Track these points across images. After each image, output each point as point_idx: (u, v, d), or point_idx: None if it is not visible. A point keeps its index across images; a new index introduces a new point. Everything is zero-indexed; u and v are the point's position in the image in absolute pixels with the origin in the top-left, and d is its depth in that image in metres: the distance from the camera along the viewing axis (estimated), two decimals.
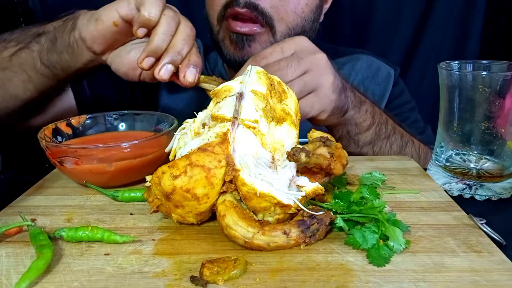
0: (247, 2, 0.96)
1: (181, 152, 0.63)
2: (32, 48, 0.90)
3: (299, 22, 1.03)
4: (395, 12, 1.61)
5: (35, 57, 0.90)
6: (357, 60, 1.33)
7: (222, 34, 1.05)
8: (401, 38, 1.64)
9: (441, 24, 1.60)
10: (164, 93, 1.24)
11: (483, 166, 0.75)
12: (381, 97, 1.30)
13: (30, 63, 0.91)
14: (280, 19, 1.00)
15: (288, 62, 0.79)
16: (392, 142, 1.01)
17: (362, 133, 0.97)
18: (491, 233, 0.59)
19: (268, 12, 0.98)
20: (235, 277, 0.50)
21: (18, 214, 0.65)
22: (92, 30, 0.81)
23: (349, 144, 0.98)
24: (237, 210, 0.57)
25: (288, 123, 0.66)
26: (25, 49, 0.91)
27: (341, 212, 0.61)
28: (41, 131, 0.80)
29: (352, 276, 0.51)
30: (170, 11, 0.77)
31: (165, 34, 0.75)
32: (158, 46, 0.75)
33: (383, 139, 1.00)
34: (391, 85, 1.31)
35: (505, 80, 0.69)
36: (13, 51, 0.92)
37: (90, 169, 0.74)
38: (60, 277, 0.51)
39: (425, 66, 1.63)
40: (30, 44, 0.91)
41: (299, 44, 0.83)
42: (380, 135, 1.00)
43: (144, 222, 0.65)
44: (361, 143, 0.98)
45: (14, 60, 0.92)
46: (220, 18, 1.03)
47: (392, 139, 1.02)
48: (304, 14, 1.04)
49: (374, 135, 0.99)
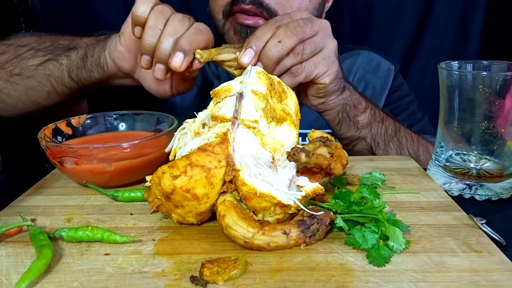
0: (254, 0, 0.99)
1: (181, 152, 0.63)
2: (61, 61, 0.92)
3: None
4: (395, 12, 1.61)
5: (63, 70, 0.92)
6: (358, 55, 1.34)
7: (228, 26, 1.06)
8: (401, 38, 1.64)
9: (441, 24, 1.60)
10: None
11: (483, 166, 0.75)
12: (382, 91, 1.32)
13: (57, 75, 0.93)
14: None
15: (305, 22, 0.81)
16: (387, 126, 1.03)
17: (360, 115, 0.99)
18: (491, 233, 0.59)
19: (273, 8, 1.00)
20: (235, 277, 0.50)
21: (18, 214, 0.65)
22: (118, 46, 0.85)
23: (349, 127, 0.99)
24: (237, 210, 0.57)
25: (288, 123, 0.66)
26: (54, 61, 0.93)
27: (341, 212, 0.61)
28: (41, 131, 0.80)
29: (352, 276, 0.51)
30: (160, 5, 0.77)
31: (151, 29, 0.76)
32: (147, 42, 0.76)
33: (378, 122, 1.02)
34: (391, 79, 1.33)
35: (505, 80, 0.69)
36: (42, 60, 0.93)
37: (90, 169, 0.74)
38: (60, 277, 0.51)
39: (425, 66, 1.63)
40: (60, 57, 0.92)
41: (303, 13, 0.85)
42: (375, 117, 1.01)
43: (144, 222, 0.65)
44: (360, 125, 0.99)
45: (41, 70, 0.93)
46: (226, 14, 1.04)
47: (386, 123, 1.03)
48: (308, 10, 1.05)
49: (371, 117, 1.00)
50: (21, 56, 0.94)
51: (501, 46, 1.60)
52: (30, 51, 0.94)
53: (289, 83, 0.81)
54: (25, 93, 0.95)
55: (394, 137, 1.03)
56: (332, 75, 0.87)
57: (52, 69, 0.92)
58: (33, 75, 0.93)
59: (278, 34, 0.77)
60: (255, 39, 0.77)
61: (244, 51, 0.76)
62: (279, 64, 0.79)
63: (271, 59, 0.77)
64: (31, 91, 0.94)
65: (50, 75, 0.93)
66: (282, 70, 0.80)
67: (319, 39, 0.83)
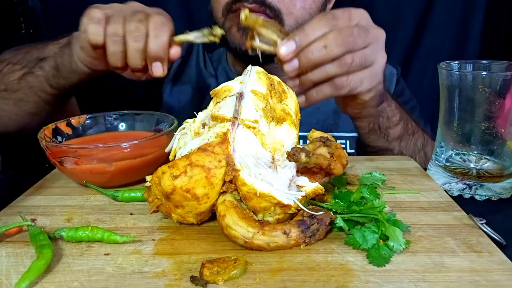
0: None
1: (181, 152, 0.63)
2: (37, 73, 0.93)
3: (307, 18, 1.04)
4: (395, 12, 1.61)
5: (42, 81, 0.93)
6: None
7: (229, 23, 1.06)
8: (401, 38, 1.64)
9: (441, 24, 1.60)
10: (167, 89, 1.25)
11: (483, 166, 0.75)
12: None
13: (38, 86, 0.94)
14: (289, 13, 1.02)
15: (360, 32, 0.74)
16: (416, 139, 1.01)
17: (392, 127, 0.95)
18: (491, 233, 0.59)
19: (276, 6, 1.00)
20: (235, 277, 0.50)
21: (18, 214, 0.65)
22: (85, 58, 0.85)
23: (379, 138, 0.96)
24: (237, 210, 0.57)
25: (288, 123, 0.66)
26: (30, 74, 0.94)
27: (341, 212, 0.61)
28: (41, 131, 0.80)
29: (352, 276, 0.51)
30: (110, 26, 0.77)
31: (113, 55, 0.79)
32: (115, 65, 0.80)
33: (409, 135, 0.99)
34: (394, 83, 1.31)
35: (505, 80, 0.69)
36: (20, 74, 0.95)
37: (90, 169, 0.74)
38: (60, 277, 0.51)
39: (425, 66, 1.63)
40: (34, 69, 0.94)
41: (364, 16, 0.79)
42: (407, 130, 0.99)
43: (144, 222, 0.65)
44: (390, 138, 0.96)
45: (23, 84, 0.95)
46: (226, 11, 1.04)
47: (417, 136, 1.01)
48: (311, 10, 1.05)
49: (402, 130, 0.97)
50: (1, 72, 0.97)
51: (501, 46, 1.60)
52: (8, 66, 0.96)
53: (329, 93, 0.78)
54: (16, 105, 0.97)
55: (421, 150, 1.00)
56: (374, 92, 0.83)
57: (32, 81, 0.94)
58: (18, 89, 0.96)
59: (327, 37, 0.72)
60: (302, 33, 0.72)
61: (286, 41, 0.72)
62: (321, 69, 0.74)
63: (310, 62, 0.73)
64: (20, 102, 0.97)
65: (32, 87, 0.95)
66: (324, 77, 0.75)
67: (370, 52, 0.77)
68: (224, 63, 1.28)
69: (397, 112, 0.96)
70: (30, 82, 0.94)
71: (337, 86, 0.76)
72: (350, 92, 0.79)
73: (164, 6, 0.87)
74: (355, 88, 0.78)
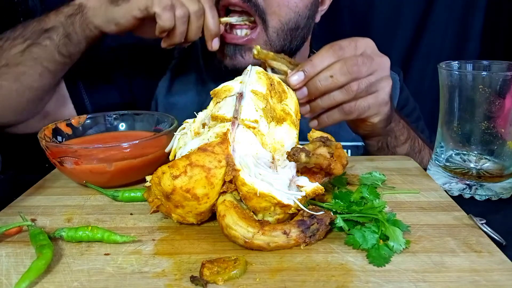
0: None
1: (181, 152, 0.63)
2: (45, 43, 0.94)
3: (292, 17, 1.02)
4: (395, 12, 1.61)
5: (52, 50, 0.95)
6: None
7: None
8: (401, 38, 1.64)
9: (441, 24, 1.60)
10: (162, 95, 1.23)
11: (483, 166, 0.75)
12: None
13: (46, 56, 0.95)
14: (272, 13, 1.00)
15: (364, 61, 0.80)
16: (423, 156, 1.03)
17: (400, 146, 0.99)
18: (491, 233, 0.59)
19: (261, 5, 0.98)
20: (235, 277, 0.50)
21: (18, 214, 0.65)
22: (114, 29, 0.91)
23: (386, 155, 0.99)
24: (237, 210, 0.57)
25: (288, 123, 0.66)
26: (37, 45, 0.95)
27: (341, 212, 0.61)
28: (41, 131, 0.80)
29: (352, 276, 0.51)
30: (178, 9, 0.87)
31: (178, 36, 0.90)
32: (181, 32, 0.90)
33: (416, 153, 1.02)
34: (398, 91, 1.29)
35: (505, 80, 0.69)
36: (23, 47, 0.95)
37: (90, 169, 0.74)
38: (60, 277, 0.51)
39: (425, 66, 1.63)
40: (40, 40, 0.94)
41: (369, 45, 0.84)
42: (414, 148, 1.01)
43: (144, 222, 0.65)
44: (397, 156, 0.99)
45: (27, 55, 0.95)
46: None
47: (423, 153, 1.03)
48: (298, 8, 1.03)
49: (409, 148, 1.00)
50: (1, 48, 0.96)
51: (501, 46, 1.60)
52: (7, 42, 0.96)
53: (339, 118, 0.82)
54: (17, 80, 0.96)
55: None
56: (382, 116, 0.87)
57: (38, 52, 0.95)
58: (20, 62, 0.95)
59: (333, 67, 0.78)
60: (309, 65, 0.78)
61: (295, 71, 0.79)
62: (329, 96, 0.80)
63: (317, 90, 0.79)
64: (22, 76, 0.96)
65: (38, 57, 0.95)
66: (332, 103, 0.81)
67: (375, 79, 0.82)
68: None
69: (405, 131, 0.99)
70: (36, 53, 0.95)
71: (346, 111, 0.82)
72: (359, 117, 0.84)
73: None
74: (363, 113, 0.83)
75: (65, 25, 0.94)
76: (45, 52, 0.95)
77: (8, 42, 0.96)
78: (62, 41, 0.94)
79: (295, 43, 1.07)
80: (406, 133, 0.99)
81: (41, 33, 0.95)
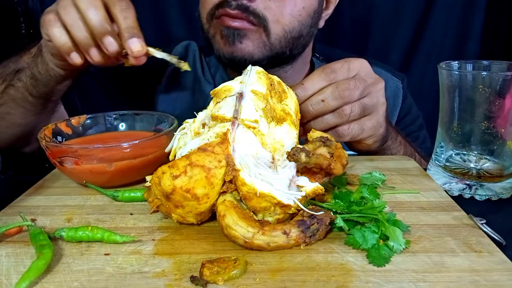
0: (239, 4, 0.95)
1: (181, 152, 0.63)
2: (16, 85, 0.95)
3: (296, 26, 1.01)
4: (395, 12, 1.61)
5: (23, 92, 0.95)
6: None
7: (213, 30, 1.03)
8: (401, 38, 1.64)
9: (441, 24, 1.60)
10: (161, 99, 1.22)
11: (483, 166, 0.75)
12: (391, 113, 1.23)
13: (20, 98, 0.95)
14: (275, 21, 0.98)
15: (357, 84, 0.79)
16: None
17: None
18: (491, 233, 0.59)
19: (262, 13, 0.96)
20: (235, 277, 0.50)
21: (18, 214, 0.65)
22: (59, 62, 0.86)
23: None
24: (237, 210, 0.57)
25: (288, 123, 0.66)
26: (11, 87, 0.95)
27: (341, 212, 0.61)
28: (41, 131, 0.80)
29: (352, 276, 0.51)
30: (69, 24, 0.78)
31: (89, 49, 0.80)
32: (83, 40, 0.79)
33: None
34: (400, 100, 1.26)
35: (505, 80, 0.69)
36: (2, 88, 0.96)
37: (90, 169, 0.74)
38: (60, 277, 0.51)
39: (425, 66, 1.63)
40: (13, 82, 0.95)
41: (363, 66, 0.84)
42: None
43: (144, 222, 0.65)
44: None
45: (5, 97, 0.96)
46: (210, 17, 1.01)
47: None
48: (301, 17, 1.01)
49: None
50: None
51: (501, 46, 1.60)
52: None
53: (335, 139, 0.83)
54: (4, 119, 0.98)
55: None
56: (377, 137, 0.87)
57: (13, 93, 0.95)
58: (2, 103, 0.97)
59: (324, 91, 0.78)
60: (301, 89, 0.79)
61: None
62: (322, 119, 0.81)
63: (309, 113, 0.80)
64: (7, 116, 0.98)
65: (15, 99, 0.96)
66: (325, 126, 0.81)
67: (369, 101, 0.82)
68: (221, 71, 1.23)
69: (401, 148, 0.99)
70: (12, 95, 0.95)
71: (339, 134, 0.82)
72: (353, 139, 0.84)
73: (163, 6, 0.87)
74: (357, 136, 0.84)
75: (31, 66, 0.93)
76: (19, 94, 0.95)
77: None
78: (29, 82, 0.93)
79: (295, 52, 1.06)
80: (402, 150, 0.99)
81: (14, 74, 0.95)
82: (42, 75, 0.91)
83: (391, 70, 1.30)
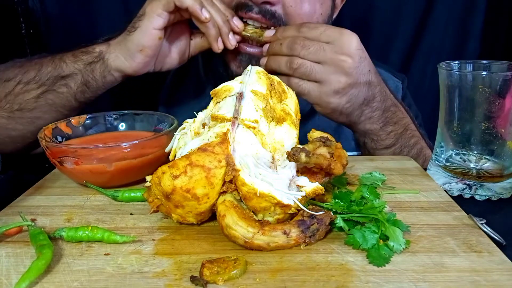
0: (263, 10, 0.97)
1: (181, 152, 0.63)
2: (61, 90, 0.96)
3: None
4: (395, 12, 1.61)
5: (68, 97, 0.97)
6: None
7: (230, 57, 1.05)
8: (401, 38, 1.64)
9: (441, 24, 1.60)
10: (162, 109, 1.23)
11: (483, 166, 0.75)
12: None
13: (62, 103, 0.97)
14: None
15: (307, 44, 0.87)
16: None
17: (380, 150, 0.99)
18: (491, 233, 0.59)
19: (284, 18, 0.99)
20: (235, 277, 0.50)
21: (18, 214, 0.65)
22: (139, 61, 0.93)
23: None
24: (237, 210, 0.57)
25: (288, 123, 0.66)
26: (52, 92, 0.96)
27: (341, 212, 0.61)
28: (41, 131, 0.80)
29: (352, 276, 0.51)
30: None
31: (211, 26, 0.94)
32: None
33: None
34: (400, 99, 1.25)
35: (505, 80, 0.69)
36: (37, 93, 0.96)
37: (90, 169, 0.74)
38: (60, 277, 0.51)
39: (425, 66, 1.63)
40: (56, 87, 0.96)
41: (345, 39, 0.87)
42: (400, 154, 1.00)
43: (144, 222, 0.65)
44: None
45: (42, 102, 0.96)
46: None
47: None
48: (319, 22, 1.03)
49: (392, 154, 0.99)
50: (13, 92, 0.96)
51: (501, 46, 1.60)
52: (19, 86, 0.96)
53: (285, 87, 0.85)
54: (31, 124, 0.97)
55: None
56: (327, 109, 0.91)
57: (54, 99, 0.96)
58: (35, 107, 0.96)
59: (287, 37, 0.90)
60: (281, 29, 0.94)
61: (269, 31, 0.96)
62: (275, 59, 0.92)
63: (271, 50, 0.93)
64: (38, 120, 0.97)
65: (53, 104, 0.97)
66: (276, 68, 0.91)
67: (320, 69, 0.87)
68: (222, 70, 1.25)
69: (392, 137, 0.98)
70: (51, 100, 0.96)
71: (289, 83, 0.89)
72: (299, 95, 0.86)
73: None
74: (302, 94, 0.90)
75: (84, 72, 0.95)
76: (61, 99, 0.96)
77: (20, 86, 0.96)
78: (80, 88, 0.96)
79: None
80: (392, 139, 0.98)
81: (57, 79, 0.96)
82: (97, 81, 0.95)
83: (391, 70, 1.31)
